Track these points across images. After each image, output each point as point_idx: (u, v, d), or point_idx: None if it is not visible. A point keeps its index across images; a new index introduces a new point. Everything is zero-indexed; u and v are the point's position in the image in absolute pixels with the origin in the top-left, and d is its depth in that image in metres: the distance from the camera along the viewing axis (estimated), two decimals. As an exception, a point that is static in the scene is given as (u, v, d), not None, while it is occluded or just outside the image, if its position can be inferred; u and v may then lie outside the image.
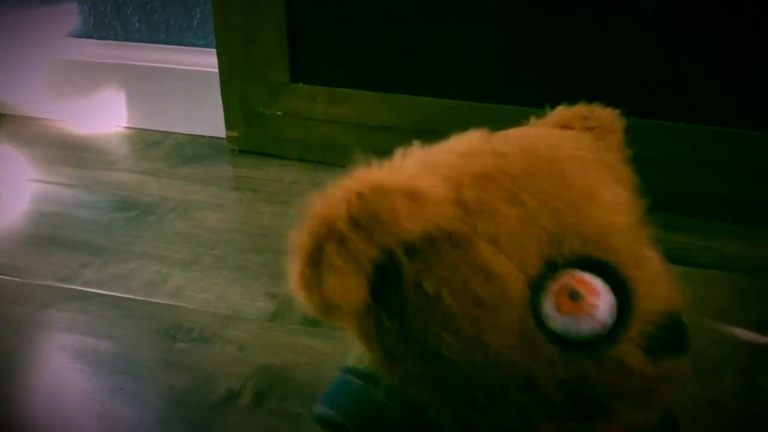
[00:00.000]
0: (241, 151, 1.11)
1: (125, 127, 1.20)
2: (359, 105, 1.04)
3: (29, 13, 1.20)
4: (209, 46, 1.11)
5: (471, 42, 0.98)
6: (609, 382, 0.34)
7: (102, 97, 1.19)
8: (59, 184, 1.04)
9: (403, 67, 1.02)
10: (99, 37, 1.19)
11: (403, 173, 0.35)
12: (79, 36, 1.19)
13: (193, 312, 0.78)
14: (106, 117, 1.20)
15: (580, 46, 0.94)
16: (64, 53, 1.19)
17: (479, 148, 0.37)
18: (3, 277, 0.84)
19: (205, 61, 1.12)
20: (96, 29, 1.18)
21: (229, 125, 1.11)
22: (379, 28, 1.01)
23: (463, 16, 0.97)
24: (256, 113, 1.09)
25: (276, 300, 0.79)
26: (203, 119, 1.15)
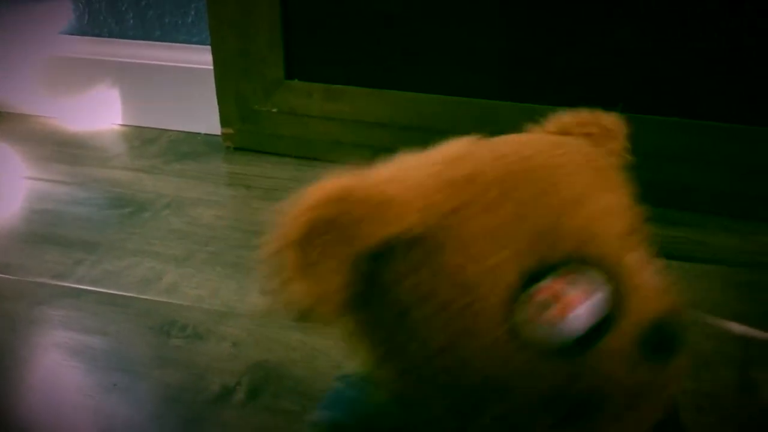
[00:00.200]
0: (237, 148, 1.11)
1: (120, 125, 1.19)
2: (354, 102, 1.04)
3: (24, 11, 1.20)
4: (204, 43, 1.11)
5: (467, 38, 0.98)
6: (591, 389, 0.34)
7: (97, 95, 1.19)
8: (54, 181, 1.04)
9: (399, 64, 1.02)
10: (93, 35, 1.18)
11: (373, 179, 0.34)
12: (74, 33, 1.19)
13: (187, 308, 0.78)
14: (100, 114, 1.20)
15: (575, 41, 0.94)
16: (58, 50, 1.19)
17: (461, 154, 0.37)
18: (-3, 275, 0.85)
19: (200, 58, 1.12)
20: (90, 26, 1.18)
21: (224, 122, 1.11)
22: (375, 24, 1.01)
23: (459, 12, 0.97)
24: (251, 110, 1.09)
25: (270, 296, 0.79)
26: (198, 116, 1.15)
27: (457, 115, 0.99)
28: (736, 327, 0.72)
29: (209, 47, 1.08)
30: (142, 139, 1.15)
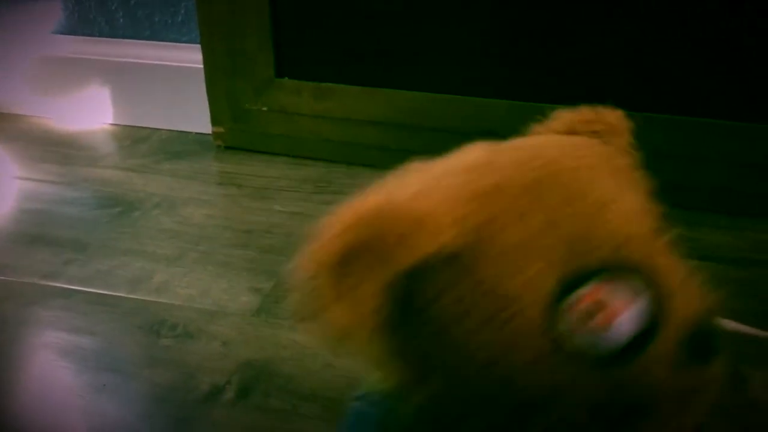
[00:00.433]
0: (227, 147, 1.11)
1: (110, 124, 1.19)
2: (345, 100, 1.04)
3: (13, 10, 1.19)
4: (194, 42, 1.11)
5: (457, 36, 0.98)
6: (638, 396, 0.33)
7: (87, 94, 1.19)
8: (44, 181, 1.04)
9: (389, 62, 1.02)
10: (83, 34, 1.18)
11: (405, 196, 0.33)
12: (64, 33, 1.19)
13: (178, 308, 0.78)
14: (91, 114, 1.19)
15: (569, 39, 0.94)
16: (48, 50, 1.19)
17: (481, 162, 0.36)
18: (-14, 275, 0.84)
19: (190, 57, 1.11)
20: (80, 26, 1.18)
21: (215, 121, 1.11)
22: (364, 23, 1.01)
23: (450, 10, 0.97)
24: (241, 109, 1.08)
25: (260, 295, 0.79)
26: (189, 115, 1.14)
27: (448, 113, 0.99)
28: (727, 323, 0.72)
29: (199, 46, 1.07)
30: (132, 139, 1.15)
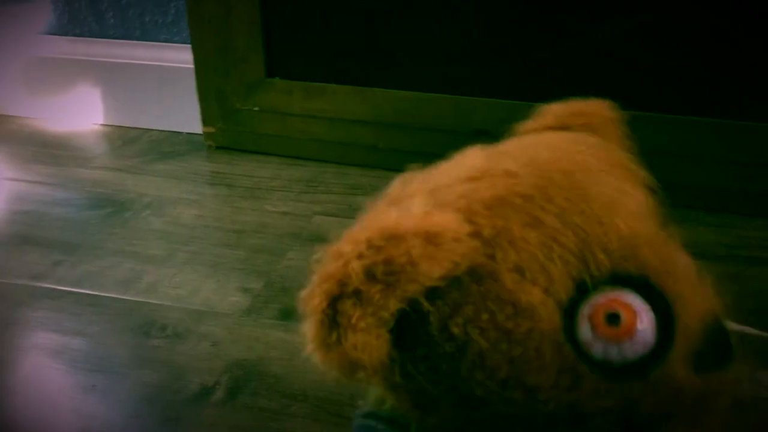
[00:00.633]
0: (218, 147, 1.11)
1: (101, 124, 1.19)
2: (335, 99, 1.04)
3: (2, 11, 1.19)
4: (185, 42, 1.11)
5: (446, 35, 0.98)
6: (658, 404, 0.32)
7: (77, 95, 1.19)
8: (34, 182, 1.04)
9: (379, 61, 1.02)
10: (74, 34, 1.18)
11: (414, 213, 0.32)
12: (54, 33, 1.19)
13: (167, 308, 0.78)
14: (81, 114, 1.19)
15: (554, 37, 0.94)
16: (38, 50, 1.19)
17: (484, 168, 0.34)
18: (-24, 276, 0.84)
19: (181, 57, 1.11)
20: (71, 26, 1.18)
21: (206, 121, 1.11)
22: (355, 22, 1.01)
23: (439, 10, 0.97)
24: (232, 109, 1.09)
25: (250, 295, 0.79)
26: (180, 115, 1.15)
27: (438, 112, 0.99)
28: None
29: (190, 46, 1.08)
30: (123, 139, 1.15)
